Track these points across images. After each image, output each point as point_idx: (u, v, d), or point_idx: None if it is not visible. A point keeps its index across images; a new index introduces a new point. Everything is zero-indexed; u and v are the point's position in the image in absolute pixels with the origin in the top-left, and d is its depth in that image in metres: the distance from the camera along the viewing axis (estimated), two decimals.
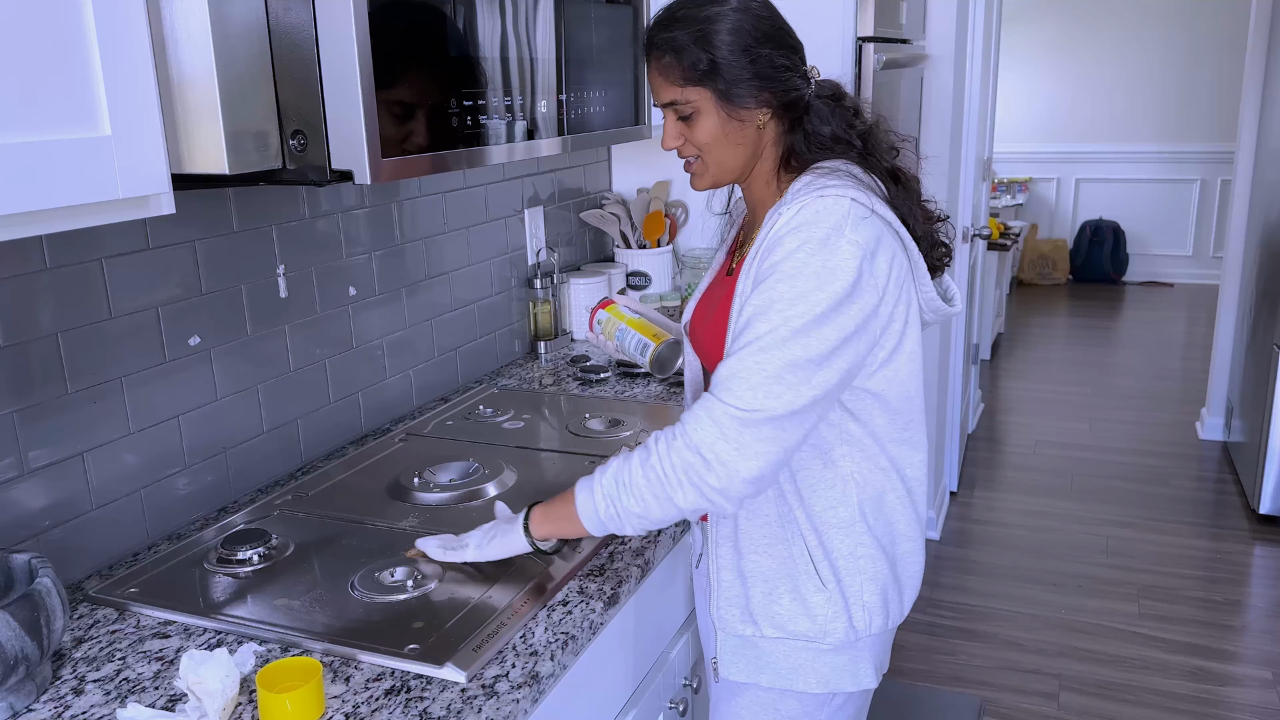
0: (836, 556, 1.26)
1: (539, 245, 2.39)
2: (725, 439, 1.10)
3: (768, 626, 1.29)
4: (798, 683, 1.31)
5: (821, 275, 1.12)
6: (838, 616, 1.27)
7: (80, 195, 0.89)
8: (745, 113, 1.22)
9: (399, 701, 1.06)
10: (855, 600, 1.27)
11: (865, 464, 1.25)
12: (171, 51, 1.00)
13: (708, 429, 1.11)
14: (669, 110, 1.24)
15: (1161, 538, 3.46)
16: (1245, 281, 4.08)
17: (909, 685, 2.66)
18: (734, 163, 1.26)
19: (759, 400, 1.10)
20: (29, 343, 1.26)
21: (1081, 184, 7.37)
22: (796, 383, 1.11)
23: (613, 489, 1.18)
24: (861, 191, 1.18)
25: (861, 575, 1.27)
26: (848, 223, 1.14)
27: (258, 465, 1.64)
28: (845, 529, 1.26)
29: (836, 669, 1.30)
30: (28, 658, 1.02)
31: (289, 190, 1.65)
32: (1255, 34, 3.98)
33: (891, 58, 2.55)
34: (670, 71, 1.20)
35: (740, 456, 1.10)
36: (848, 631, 1.27)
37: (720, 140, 1.23)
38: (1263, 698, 2.58)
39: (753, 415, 1.10)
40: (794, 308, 1.12)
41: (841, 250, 1.13)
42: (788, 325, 1.11)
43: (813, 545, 1.26)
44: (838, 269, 1.12)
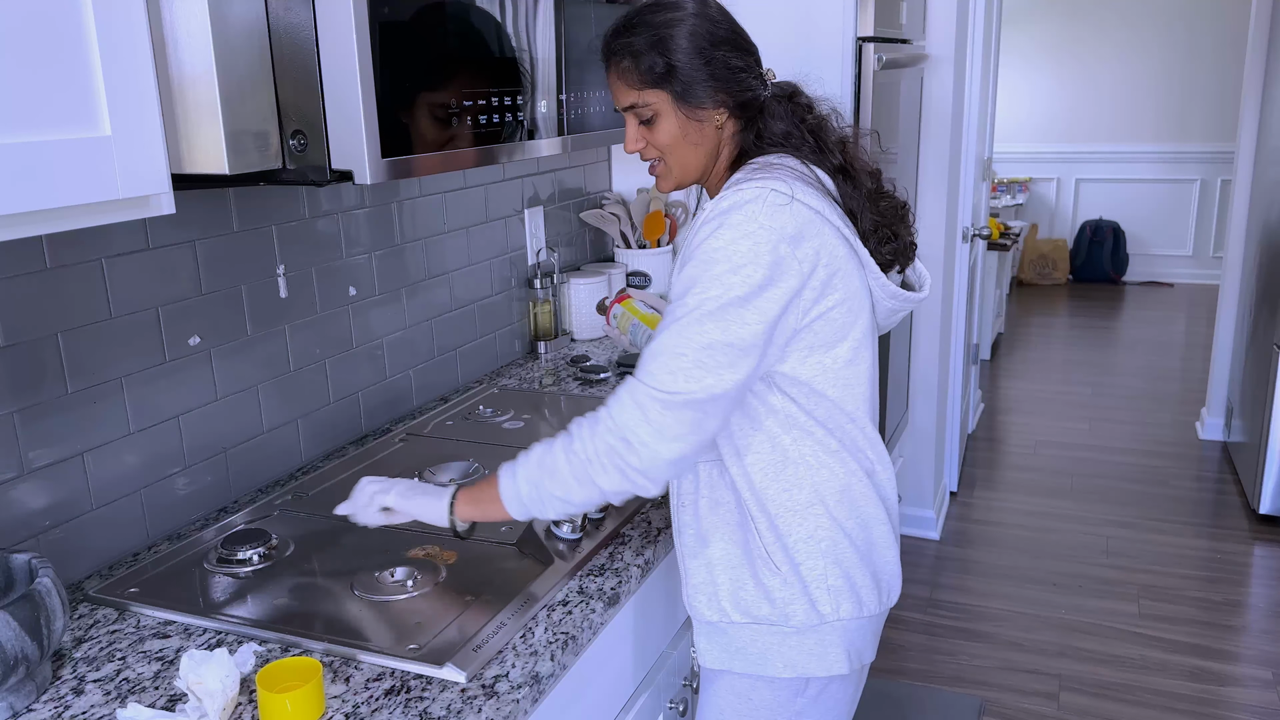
0: (792, 540, 1.26)
1: (539, 245, 2.39)
2: (647, 421, 1.12)
3: (735, 612, 1.29)
4: (767, 668, 1.31)
5: (734, 259, 1.14)
6: (796, 599, 1.27)
7: (80, 195, 0.89)
8: (703, 113, 1.25)
9: (399, 701, 1.07)
10: (817, 583, 1.27)
11: (818, 450, 1.25)
12: (171, 51, 1.00)
13: (630, 412, 1.13)
14: (630, 114, 1.26)
15: (1161, 538, 3.46)
16: (1245, 281, 4.08)
17: (909, 685, 2.66)
18: (695, 163, 1.29)
19: (678, 383, 1.12)
20: (29, 343, 1.26)
21: (1081, 184, 7.37)
22: (716, 366, 1.12)
23: (535, 473, 1.20)
24: (785, 182, 1.19)
25: (824, 558, 1.27)
26: (762, 209, 1.16)
27: (258, 465, 1.64)
28: (801, 512, 1.26)
29: (803, 652, 1.30)
30: (28, 658, 1.02)
31: (289, 190, 1.65)
32: (1255, 34, 3.98)
33: (891, 58, 2.55)
34: (628, 75, 1.23)
35: (661, 439, 1.12)
36: (808, 614, 1.27)
37: (680, 141, 1.26)
38: (1263, 698, 2.58)
39: (673, 398, 1.12)
40: (708, 290, 1.14)
41: (755, 235, 1.15)
42: (703, 308, 1.13)
43: (764, 529, 1.26)
44: (751, 253, 1.14)
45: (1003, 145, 7.07)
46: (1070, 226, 7.43)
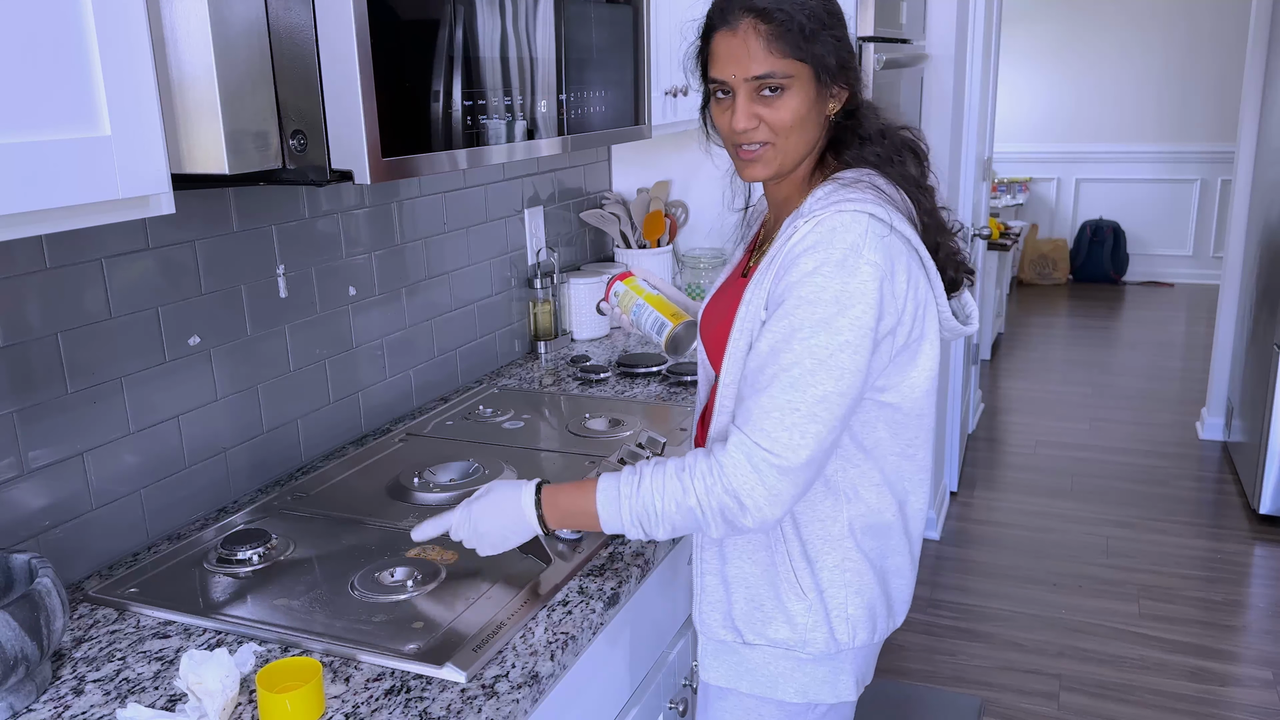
0: (820, 568, 1.24)
1: (539, 245, 2.39)
2: (763, 485, 1.10)
3: (749, 633, 1.28)
4: (777, 691, 1.30)
5: (841, 300, 1.09)
6: (818, 626, 1.25)
7: (80, 195, 0.89)
8: (829, 94, 1.18)
9: (399, 701, 1.06)
10: (838, 612, 1.25)
11: (860, 480, 1.23)
12: (171, 51, 1.00)
13: (745, 475, 1.10)
14: (750, 84, 1.15)
15: (1161, 538, 3.45)
16: (1245, 281, 4.08)
17: (909, 685, 2.66)
18: (803, 149, 1.20)
19: (794, 443, 1.09)
20: (29, 343, 1.26)
21: (1081, 184, 7.37)
22: (829, 419, 1.10)
23: (643, 514, 1.16)
24: (881, 206, 1.14)
25: (847, 589, 1.25)
26: (865, 242, 1.10)
27: (258, 465, 1.64)
28: (834, 542, 1.24)
29: (816, 680, 1.29)
30: (28, 658, 1.02)
31: (289, 190, 1.65)
32: (1255, 34, 3.98)
33: (891, 58, 2.55)
34: (773, 41, 1.12)
35: (775, 503, 1.11)
36: (828, 642, 1.26)
37: (801, 122, 1.17)
38: (1263, 698, 2.58)
39: (789, 462, 1.09)
40: (816, 337, 1.09)
41: (860, 272, 1.09)
42: (813, 356, 1.09)
43: (795, 554, 1.24)
44: (857, 293, 1.09)
45: (1003, 145, 7.06)
46: (1070, 226, 7.43)
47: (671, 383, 2.11)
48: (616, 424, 1.87)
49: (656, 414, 1.95)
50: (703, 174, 2.69)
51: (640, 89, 1.72)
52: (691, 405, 1.97)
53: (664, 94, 2.13)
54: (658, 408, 1.98)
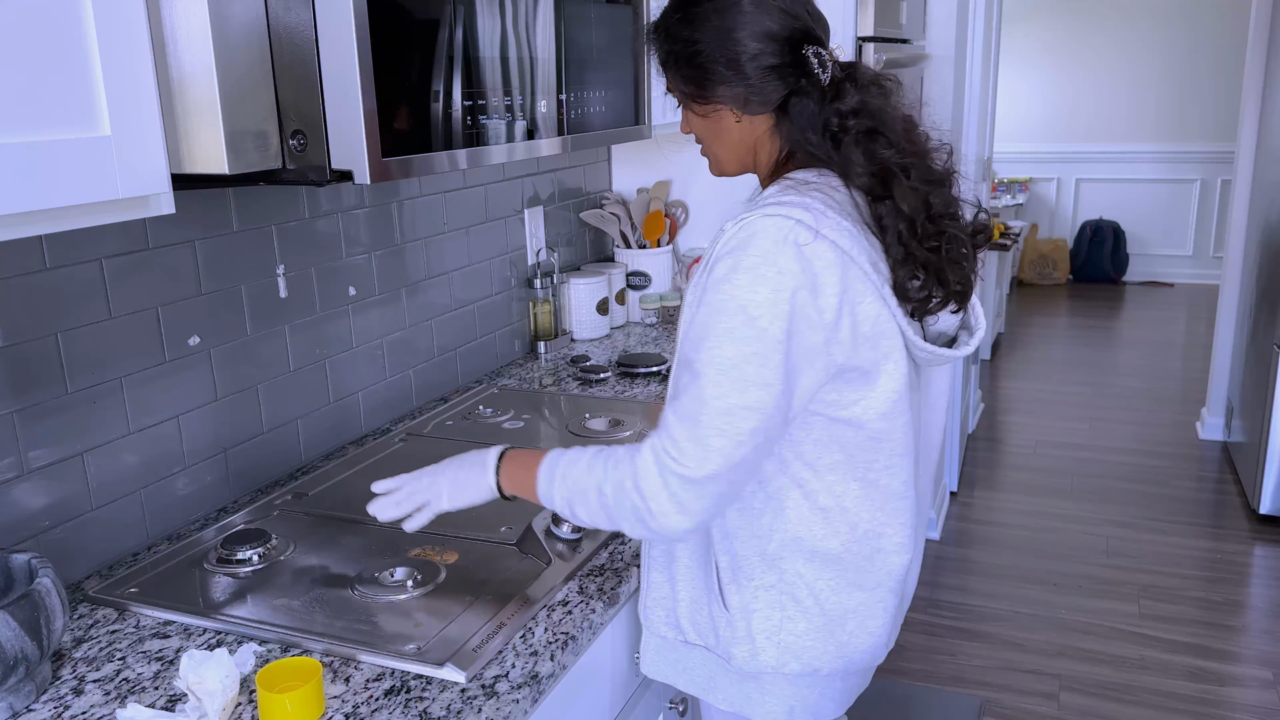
0: (748, 585, 1.19)
1: (539, 245, 2.39)
2: (668, 492, 1.06)
3: (691, 632, 1.25)
4: (710, 694, 1.28)
5: (749, 310, 1.03)
6: (739, 641, 1.20)
7: (80, 195, 0.89)
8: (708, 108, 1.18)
9: (399, 701, 1.06)
10: (763, 634, 1.19)
11: (805, 503, 1.16)
12: (171, 51, 1.00)
13: (653, 479, 1.07)
14: None
15: (1161, 538, 3.45)
16: (1245, 281, 4.08)
17: (909, 685, 2.66)
18: (725, 156, 1.23)
19: (699, 454, 1.04)
20: (29, 343, 1.26)
21: (1081, 184, 7.37)
22: (736, 433, 1.04)
23: (571, 498, 1.15)
24: (813, 212, 1.06)
25: (775, 610, 1.18)
26: (781, 250, 1.04)
27: (258, 465, 1.64)
28: (768, 562, 1.18)
29: (743, 695, 1.25)
30: (27, 658, 1.02)
31: (289, 190, 1.65)
32: (1255, 34, 3.98)
33: (891, 58, 2.55)
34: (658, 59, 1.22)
35: (681, 512, 1.07)
36: (749, 661, 1.20)
37: (706, 130, 1.22)
38: (1263, 698, 2.58)
39: (693, 473, 1.04)
40: (721, 348, 1.04)
41: (770, 281, 1.03)
42: (717, 367, 1.04)
43: (724, 565, 1.19)
44: (765, 303, 1.03)
45: (1003, 145, 7.06)
46: (1070, 226, 7.43)
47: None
48: (616, 424, 1.87)
49: (656, 414, 1.94)
50: (703, 174, 2.68)
51: (640, 89, 1.72)
52: None
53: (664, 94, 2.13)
54: (658, 408, 1.98)
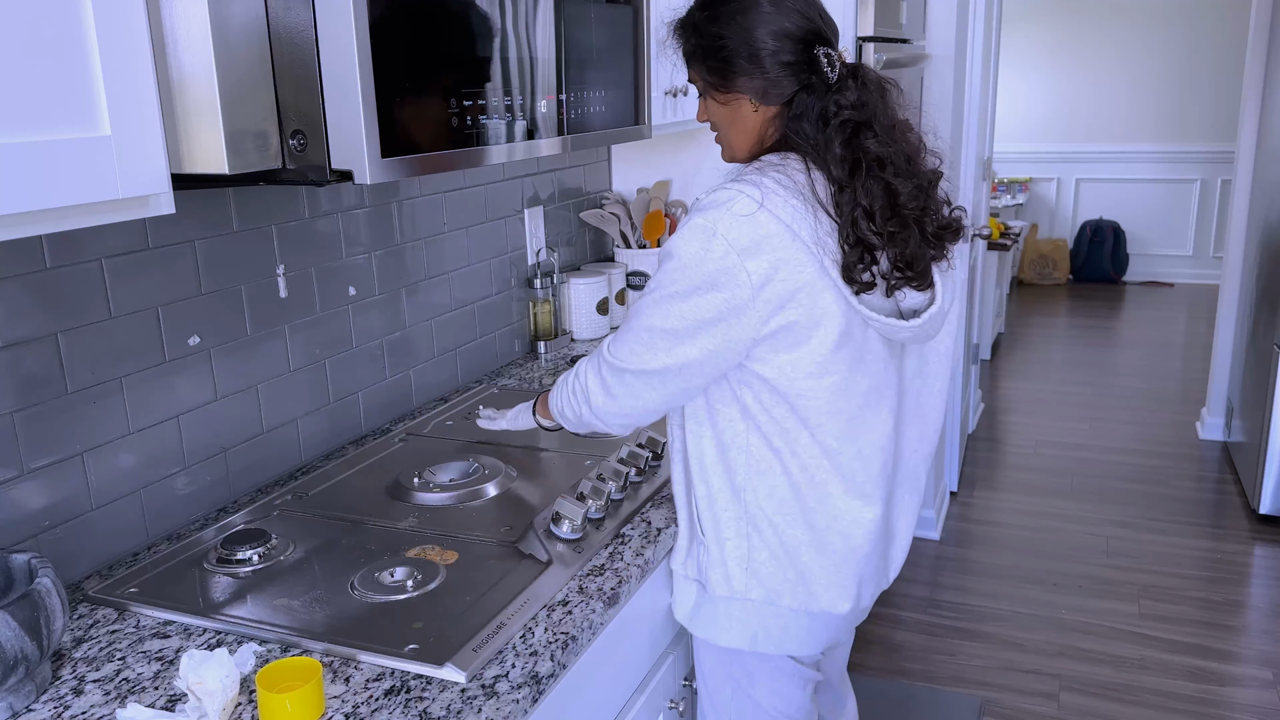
0: (723, 516, 1.35)
1: (539, 245, 2.39)
2: (599, 380, 1.34)
3: (683, 565, 1.43)
4: (691, 623, 1.45)
5: (685, 259, 1.22)
6: (713, 566, 1.37)
7: (80, 195, 0.89)
8: (728, 98, 1.30)
9: (399, 701, 1.06)
10: (735, 560, 1.35)
11: (750, 440, 1.31)
12: (171, 51, 1.00)
13: (591, 373, 1.35)
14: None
15: (1161, 538, 3.45)
16: (1245, 281, 4.08)
17: (909, 685, 2.66)
18: (737, 143, 1.34)
19: (623, 354, 1.29)
20: (29, 343, 1.26)
21: (1081, 184, 7.37)
22: (652, 347, 1.26)
23: (561, 405, 1.44)
24: (761, 189, 1.19)
25: (746, 541, 1.34)
26: (722, 216, 1.20)
27: (258, 465, 1.64)
28: (729, 492, 1.33)
29: (713, 620, 1.41)
30: (27, 658, 1.02)
31: (289, 190, 1.65)
32: (1255, 34, 3.98)
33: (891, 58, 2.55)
34: (681, 56, 1.35)
35: (607, 397, 1.33)
36: (721, 584, 1.36)
37: (723, 118, 1.33)
38: (1263, 698, 2.58)
39: (615, 364, 1.30)
40: (658, 283, 1.25)
41: (710, 244, 1.20)
42: (651, 296, 1.25)
43: (701, 496, 1.36)
44: (697, 257, 1.21)
45: (1003, 145, 7.06)
46: (1070, 226, 7.43)
47: None
48: None
49: None
50: (703, 174, 2.69)
51: (640, 89, 1.72)
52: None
53: (664, 94, 2.14)
54: None
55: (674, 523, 1.49)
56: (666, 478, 1.62)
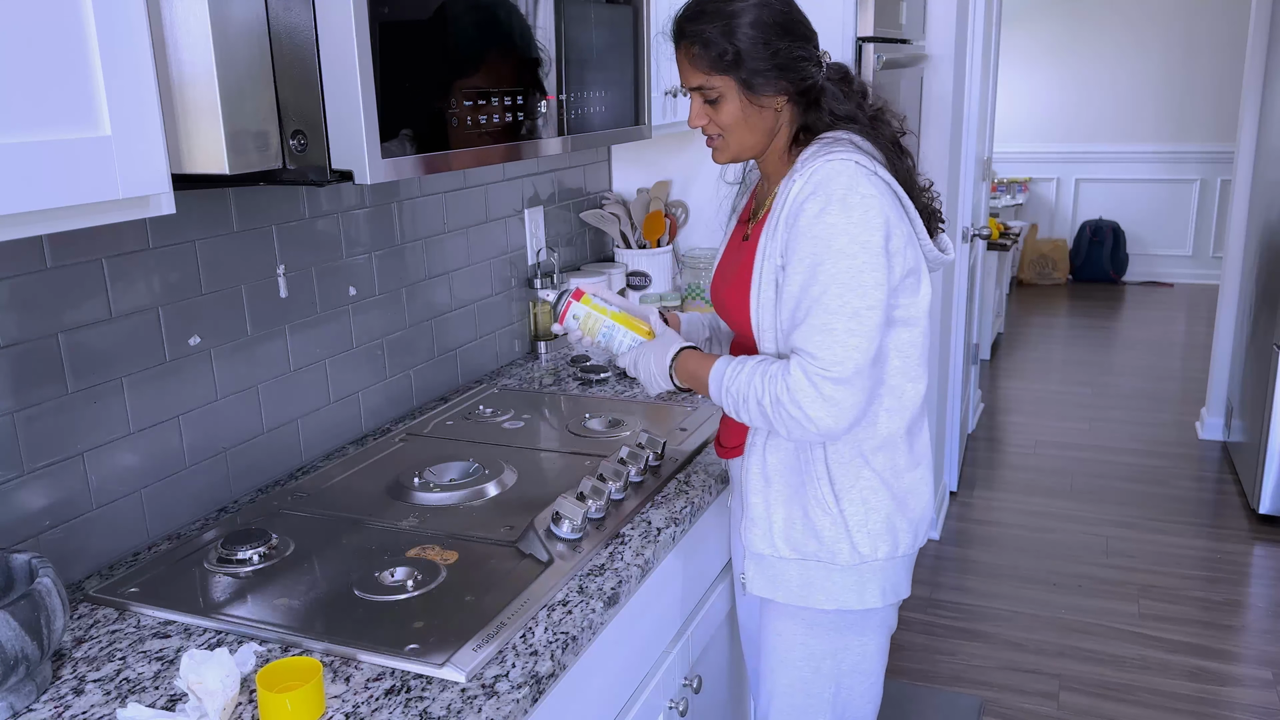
0: (840, 488, 1.40)
1: (539, 245, 2.39)
2: (820, 395, 1.27)
3: (785, 548, 1.43)
4: (809, 599, 1.45)
5: (850, 231, 1.26)
6: (841, 539, 1.41)
7: (80, 195, 0.89)
8: (765, 100, 1.35)
9: (399, 701, 1.07)
10: (858, 527, 1.41)
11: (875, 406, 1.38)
12: (171, 51, 1.00)
13: (805, 388, 1.28)
14: (695, 93, 1.37)
15: (1161, 538, 3.46)
16: (1245, 281, 4.08)
17: (909, 685, 2.66)
18: (752, 142, 1.40)
19: (839, 357, 1.26)
20: (29, 343, 1.26)
21: (1081, 184, 7.37)
22: (865, 331, 1.27)
23: (735, 399, 1.36)
24: (863, 155, 1.32)
25: (865, 505, 1.40)
26: (857, 180, 1.28)
27: (258, 465, 1.64)
28: (851, 464, 1.40)
29: (844, 588, 1.44)
30: (28, 658, 1.02)
31: (289, 190, 1.65)
32: (1255, 34, 3.98)
33: (891, 58, 2.55)
34: (698, 60, 1.33)
35: (835, 412, 1.28)
36: (852, 554, 1.41)
37: (741, 123, 1.37)
38: (1263, 698, 2.58)
39: (839, 374, 1.27)
40: (837, 265, 1.26)
41: (861, 204, 1.27)
42: (838, 282, 1.26)
43: (820, 474, 1.40)
44: (861, 221, 1.27)
45: (1003, 145, 7.06)
46: (1070, 226, 7.43)
47: None
48: (616, 424, 1.87)
49: (656, 414, 1.95)
50: (703, 174, 2.69)
51: (640, 89, 1.73)
52: (691, 405, 1.97)
53: (664, 94, 2.14)
54: (657, 408, 1.98)
55: (673, 522, 1.49)
56: (667, 477, 1.62)
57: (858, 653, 1.50)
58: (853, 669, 1.51)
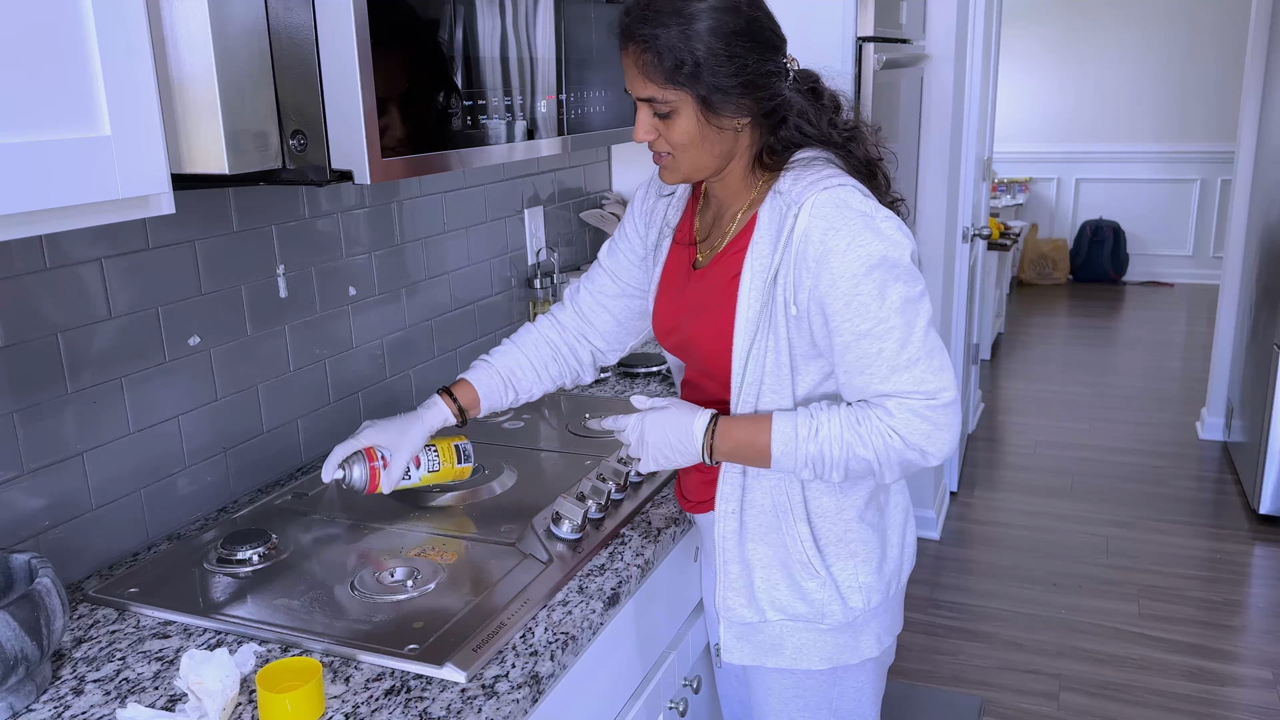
0: (827, 549, 1.31)
1: (539, 245, 2.39)
2: (937, 428, 1.18)
3: (771, 610, 1.33)
4: (801, 662, 1.35)
5: (891, 253, 1.16)
6: (832, 600, 1.31)
7: (80, 195, 0.89)
8: (725, 120, 1.19)
9: (399, 701, 1.06)
10: (849, 584, 1.31)
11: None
12: (171, 51, 1.00)
13: (920, 427, 1.18)
14: (644, 104, 1.19)
15: (1161, 538, 3.45)
16: (1245, 281, 4.08)
17: (909, 685, 2.66)
18: (707, 164, 1.24)
19: (940, 380, 1.18)
20: (29, 343, 1.26)
21: (1081, 184, 7.37)
22: (941, 348, 1.20)
23: (818, 460, 1.21)
24: (849, 177, 1.22)
25: (854, 560, 1.31)
26: (867, 203, 1.18)
27: (258, 465, 1.64)
28: (842, 524, 1.30)
29: (838, 646, 1.35)
30: (28, 658, 1.02)
31: (289, 190, 1.65)
32: (1255, 34, 3.98)
33: (891, 58, 2.55)
34: (650, 69, 1.15)
35: (952, 437, 1.20)
36: (845, 612, 1.32)
37: (696, 143, 1.20)
38: (1263, 698, 2.58)
39: (948, 395, 1.18)
40: (894, 295, 1.16)
41: (887, 223, 1.18)
42: (900, 313, 1.16)
43: (804, 536, 1.29)
44: (895, 241, 1.17)
45: (1003, 145, 7.06)
46: (1070, 226, 7.43)
47: (673, 383, 2.11)
48: None
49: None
50: None
51: None
52: None
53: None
54: None
55: (673, 522, 1.49)
56: (667, 478, 1.62)
57: (854, 698, 1.41)
58: (851, 712, 1.42)
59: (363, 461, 1.37)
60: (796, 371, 1.24)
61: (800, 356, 1.24)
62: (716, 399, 1.33)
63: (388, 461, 1.37)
